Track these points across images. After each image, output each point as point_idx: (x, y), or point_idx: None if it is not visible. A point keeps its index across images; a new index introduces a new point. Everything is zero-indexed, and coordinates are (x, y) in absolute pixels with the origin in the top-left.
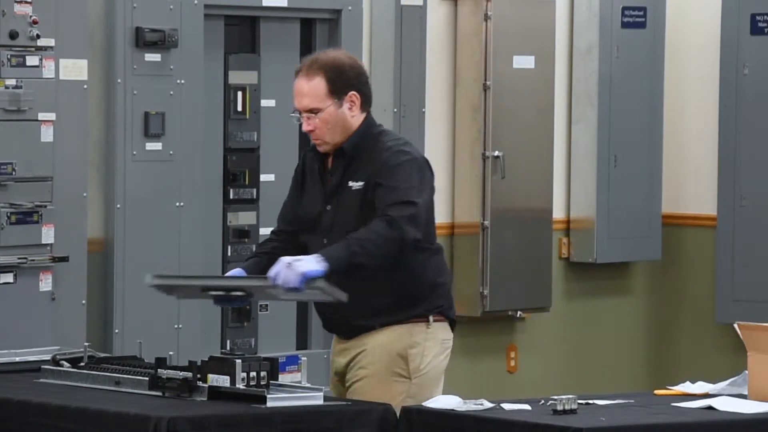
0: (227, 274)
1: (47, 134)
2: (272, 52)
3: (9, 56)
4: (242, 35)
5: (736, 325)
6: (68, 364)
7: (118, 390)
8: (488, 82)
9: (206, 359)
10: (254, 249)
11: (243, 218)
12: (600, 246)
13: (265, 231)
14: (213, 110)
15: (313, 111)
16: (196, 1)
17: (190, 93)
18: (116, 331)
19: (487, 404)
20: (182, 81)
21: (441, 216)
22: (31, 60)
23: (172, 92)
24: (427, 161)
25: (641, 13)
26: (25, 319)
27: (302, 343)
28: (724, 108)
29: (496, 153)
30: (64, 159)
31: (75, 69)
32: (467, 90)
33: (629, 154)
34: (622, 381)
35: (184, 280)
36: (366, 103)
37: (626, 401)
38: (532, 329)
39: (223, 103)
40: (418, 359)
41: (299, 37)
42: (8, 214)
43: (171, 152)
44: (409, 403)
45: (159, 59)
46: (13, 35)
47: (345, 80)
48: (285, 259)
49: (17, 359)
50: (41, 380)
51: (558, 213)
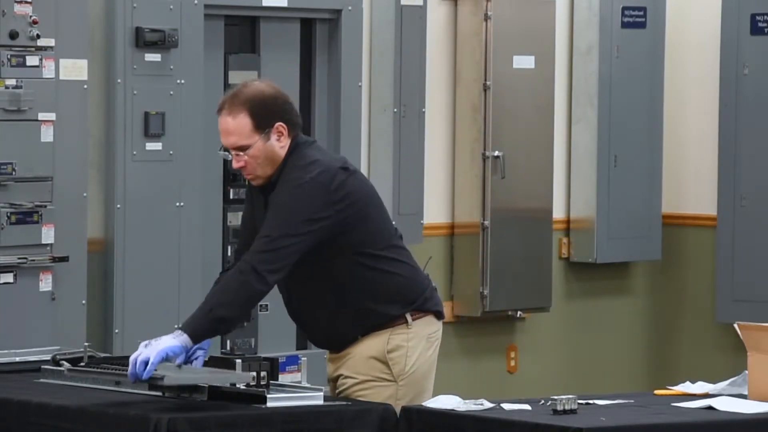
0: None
1: (47, 134)
2: (272, 52)
3: (9, 56)
4: (242, 35)
5: (736, 325)
6: (68, 364)
7: (118, 390)
8: (488, 82)
9: (206, 359)
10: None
11: None
12: (600, 246)
13: None
14: (213, 110)
15: (242, 148)
16: (196, 1)
17: (190, 93)
18: (116, 331)
19: (487, 404)
20: (182, 81)
21: (441, 216)
22: (31, 60)
23: (172, 92)
24: (332, 174)
25: (641, 13)
26: (25, 319)
27: (302, 343)
28: (724, 108)
29: (496, 153)
30: (64, 159)
31: (75, 69)
32: (467, 90)
33: (629, 154)
34: (622, 381)
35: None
36: (293, 130)
37: (626, 401)
38: (532, 329)
39: None
40: (401, 362)
41: (299, 37)
42: (8, 214)
43: (171, 152)
44: (399, 405)
45: (159, 59)
46: (13, 35)
47: (269, 112)
48: (142, 343)
49: (17, 359)
50: (41, 380)
51: (558, 213)
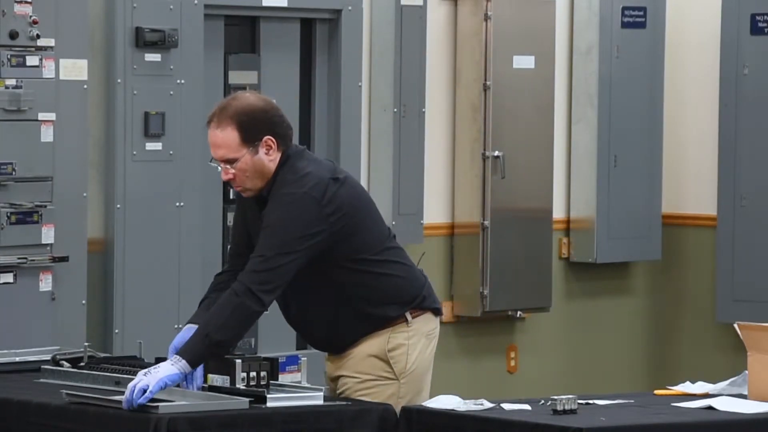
0: (180, 333)
1: (47, 134)
2: (272, 52)
3: (9, 56)
4: (242, 35)
5: (736, 325)
6: (68, 364)
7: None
8: (488, 82)
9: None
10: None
11: None
12: (600, 246)
13: None
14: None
15: (229, 161)
16: (196, 1)
17: (190, 93)
18: (116, 331)
19: (487, 404)
20: (182, 81)
21: (441, 216)
22: (31, 60)
23: (172, 92)
24: (323, 185)
25: (641, 13)
26: (25, 319)
27: (302, 343)
28: (724, 108)
29: (496, 153)
30: (64, 159)
31: (75, 69)
32: (467, 90)
33: (629, 154)
34: (622, 381)
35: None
36: (283, 143)
37: (626, 401)
38: (532, 329)
39: None
40: (403, 360)
41: (299, 37)
42: (8, 214)
43: (171, 152)
44: (401, 403)
45: (159, 59)
46: (13, 35)
47: (257, 126)
48: (141, 372)
49: (17, 359)
50: (41, 380)
51: (558, 213)
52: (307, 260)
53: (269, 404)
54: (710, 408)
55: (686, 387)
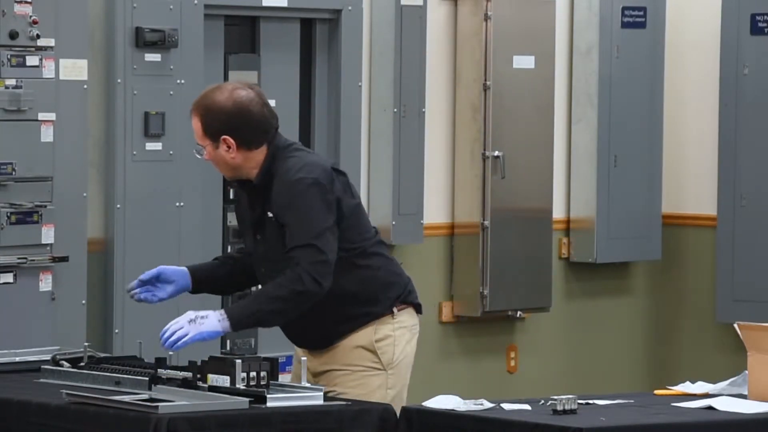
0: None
1: (47, 134)
2: (272, 52)
3: (9, 56)
4: (242, 35)
5: (736, 325)
6: (68, 364)
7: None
8: (488, 82)
9: (206, 359)
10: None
11: None
12: (600, 246)
13: None
14: None
15: (200, 146)
16: (196, 1)
17: (190, 93)
18: (116, 331)
19: (487, 404)
20: (182, 81)
21: (441, 216)
22: (31, 60)
23: (172, 92)
24: (329, 173)
25: (641, 13)
26: (25, 319)
27: None
28: (724, 108)
29: (496, 153)
30: (64, 159)
31: (75, 69)
32: (467, 90)
33: (629, 154)
34: (622, 381)
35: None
36: (245, 144)
37: (626, 401)
38: (532, 329)
39: None
40: (390, 351)
41: (299, 37)
42: (8, 214)
43: (171, 152)
44: (389, 394)
45: (159, 59)
46: (13, 35)
47: (217, 124)
48: (190, 314)
49: (17, 359)
50: (41, 380)
51: (558, 213)
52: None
53: (269, 404)
54: (710, 408)
55: (686, 387)
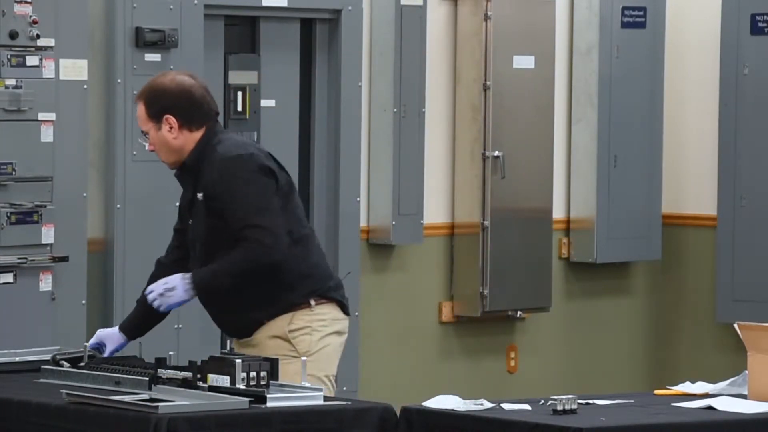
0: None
1: (47, 134)
2: (272, 52)
3: (9, 56)
4: (242, 35)
5: (736, 325)
6: (68, 364)
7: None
8: (488, 82)
9: (206, 359)
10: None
11: None
12: (600, 246)
13: None
14: None
15: (144, 133)
16: (196, 1)
17: None
18: None
19: (487, 404)
20: None
21: (441, 216)
22: (31, 60)
23: None
24: (264, 152)
25: (641, 13)
26: (25, 319)
27: None
28: (724, 108)
29: (496, 153)
30: (64, 159)
31: (75, 69)
32: (467, 90)
33: (629, 154)
34: (622, 381)
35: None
36: (187, 123)
37: (626, 401)
38: (532, 329)
39: (223, 103)
40: (307, 339)
41: (299, 37)
42: (8, 214)
43: None
44: (311, 382)
45: (159, 59)
46: (13, 35)
47: (159, 104)
48: (159, 286)
49: (17, 359)
50: (41, 380)
51: (558, 213)
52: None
53: (269, 404)
54: (710, 408)
55: (686, 387)
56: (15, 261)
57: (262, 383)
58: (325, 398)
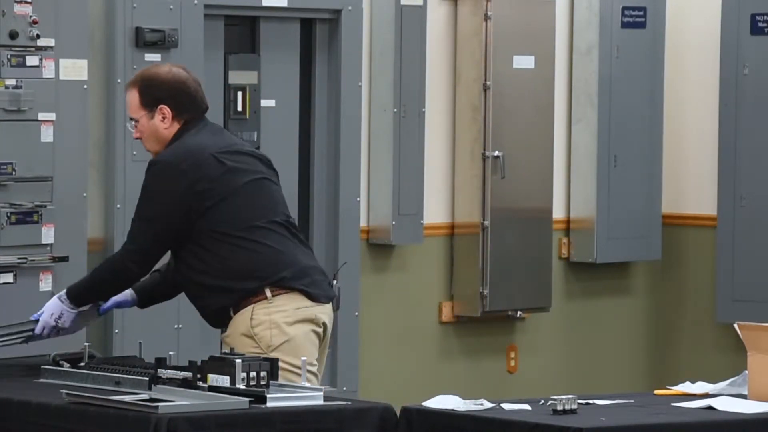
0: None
1: (47, 134)
2: (272, 52)
3: (9, 56)
4: (242, 35)
5: (736, 325)
6: (68, 364)
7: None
8: (488, 82)
9: (206, 359)
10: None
11: None
12: (600, 246)
13: None
14: (213, 110)
15: (133, 120)
16: (196, 1)
17: None
18: (116, 331)
19: (487, 404)
20: None
21: (441, 216)
22: (31, 60)
23: None
24: (197, 159)
25: (641, 13)
26: (25, 319)
27: None
28: (724, 108)
29: (496, 153)
30: (64, 159)
31: (75, 69)
32: (467, 90)
33: (629, 154)
34: (622, 381)
35: None
36: (180, 113)
37: (626, 401)
38: (532, 329)
39: (223, 103)
40: (267, 334)
41: (299, 37)
42: (8, 214)
43: None
44: (282, 376)
45: (159, 59)
46: (13, 35)
47: (155, 93)
48: (49, 321)
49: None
50: (41, 380)
51: (558, 213)
52: (171, 229)
53: (269, 404)
54: (710, 408)
55: (686, 387)
56: (15, 261)
57: (262, 383)
58: (325, 398)
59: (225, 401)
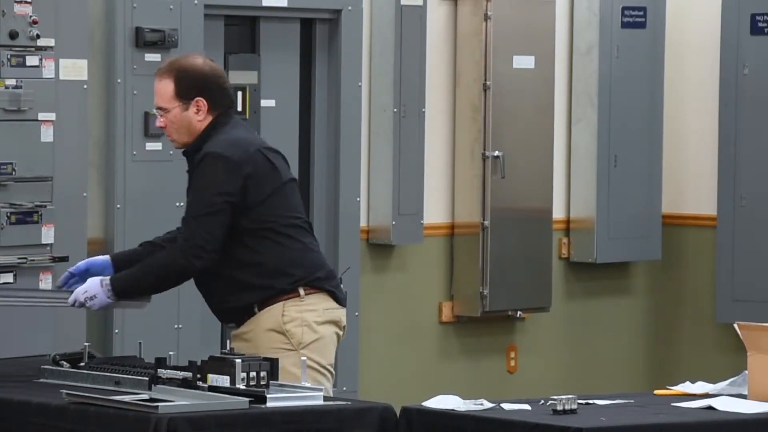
0: (98, 258)
1: (47, 134)
2: (272, 52)
3: (9, 56)
4: (242, 35)
5: (736, 325)
6: (68, 364)
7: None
8: (488, 82)
9: (206, 359)
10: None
11: None
12: (600, 246)
13: None
14: None
15: (162, 109)
16: (196, 1)
17: None
18: (116, 331)
19: (487, 404)
20: None
21: (441, 216)
22: (31, 60)
23: None
24: (243, 161)
25: (641, 13)
26: (25, 320)
27: None
28: (724, 108)
29: (496, 153)
30: (64, 159)
31: (75, 69)
32: (467, 90)
33: (629, 154)
34: (622, 381)
35: None
36: (215, 107)
37: (626, 401)
38: (532, 329)
39: None
40: (299, 331)
41: (299, 37)
42: (8, 214)
43: (171, 152)
44: (309, 374)
45: (159, 59)
46: (13, 35)
47: (192, 85)
48: (79, 295)
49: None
50: (41, 380)
51: (558, 213)
52: (227, 223)
53: (269, 404)
54: (710, 408)
55: (686, 387)
56: (15, 261)
57: (262, 383)
58: (325, 398)
59: (225, 401)
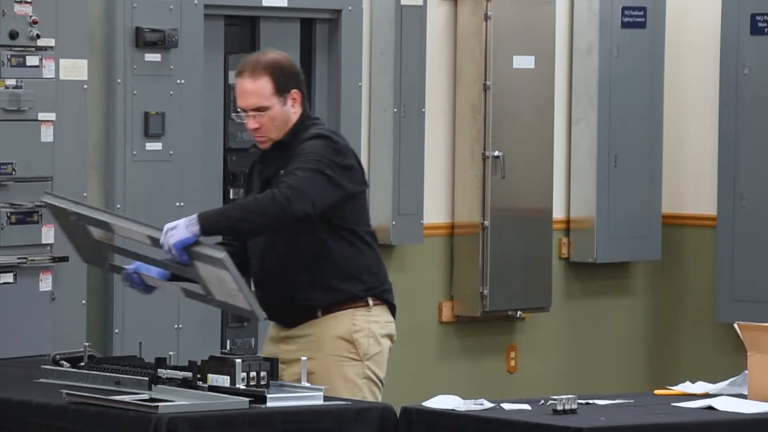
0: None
1: (47, 134)
2: None
3: (9, 56)
4: (242, 35)
5: (736, 325)
6: (68, 364)
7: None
8: (488, 82)
9: (206, 359)
10: None
11: None
12: (600, 246)
13: None
14: (213, 110)
15: (261, 109)
16: (196, 1)
17: (190, 93)
18: (116, 331)
19: (487, 404)
20: (182, 81)
21: (441, 216)
22: (31, 60)
23: (172, 92)
24: (348, 149)
25: (641, 13)
26: (25, 319)
27: None
28: (724, 108)
29: (496, 153)
30: (64, 159)
31: (75, 69)
32: (467, 90)
33: (629, 154)
34: (622, 381)
35: (76, 207)
36: (304, 99)
37: (626, 401)
38: (532, 329)
39: (223, 103)
40: (366, 342)
41: (299, 37)
42: (8, 214)
43: (171, 152)
44: (365, 384)
45: (159, 59)
46: (13, 35)
47: (288, 79)
48: (167, 226)
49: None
50: (41, 380)
51: (558, 213)
52: (335, 198)
53: (269, 404)
54: (710, 408)
55: (686, 387)
56: (15, 261)
57: (262, 383)
58: (325, 398)
59: (225, 401)
